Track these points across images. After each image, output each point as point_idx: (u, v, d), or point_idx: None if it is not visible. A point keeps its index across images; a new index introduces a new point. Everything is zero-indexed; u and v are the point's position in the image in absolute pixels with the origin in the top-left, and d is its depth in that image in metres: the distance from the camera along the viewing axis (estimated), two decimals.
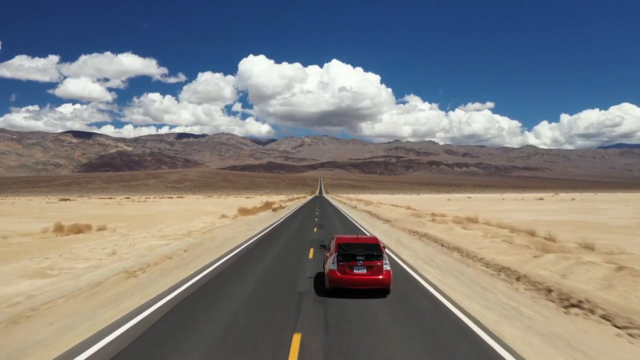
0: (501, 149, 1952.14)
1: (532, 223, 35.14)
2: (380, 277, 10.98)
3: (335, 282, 11.10)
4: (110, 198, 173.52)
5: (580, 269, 12.47)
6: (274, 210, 55.30)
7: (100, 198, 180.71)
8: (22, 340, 7.79)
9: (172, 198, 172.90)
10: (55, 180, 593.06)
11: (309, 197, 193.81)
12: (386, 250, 12.37)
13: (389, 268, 11.23)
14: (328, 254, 12.25)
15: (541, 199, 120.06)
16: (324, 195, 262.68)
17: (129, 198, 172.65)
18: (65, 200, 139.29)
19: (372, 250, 11.42)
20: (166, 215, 47.74)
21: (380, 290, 11.14)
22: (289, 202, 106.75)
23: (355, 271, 10.97)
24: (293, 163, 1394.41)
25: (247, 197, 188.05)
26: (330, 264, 11.31)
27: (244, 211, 50.30)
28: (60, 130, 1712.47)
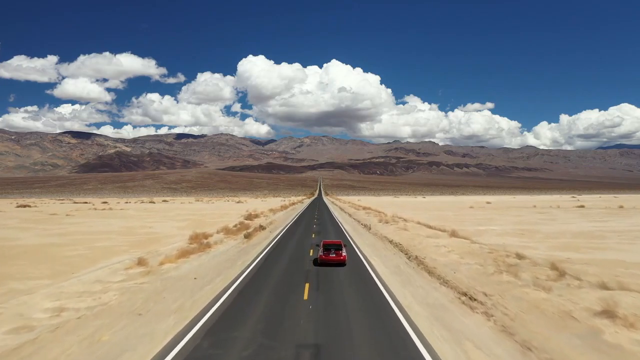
0: (501, 150, 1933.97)
1: None
2: (341, 258, 23.31)
3: (321, 260, 23.48)
4: (86, 202, 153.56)
5: None
6: (247, 237, 35.82)
7: (74, 202, 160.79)
8: None
9: (153, 203, 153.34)
10: (50, 181, 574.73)
11: (307, 202, 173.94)
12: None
13: (345, 253, 23.70)
14: (319, 248, 25.07)
15: (582, 206, 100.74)
16: (324, 198, 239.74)
17: (106, 202, 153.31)
18: (25, 206, 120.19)
19: (338, 246, 24.15)
20: (46, 256, 28.24)
21: (341, 264, 23.32)
22: (281, 211, 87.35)
23: (330, 255, 23.30)
24: (292, 164, 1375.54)
25: (238, 202, 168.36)
26: (319, 252, 24.12)
27: (197, 240, 31.29)
28: (59, 131, 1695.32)
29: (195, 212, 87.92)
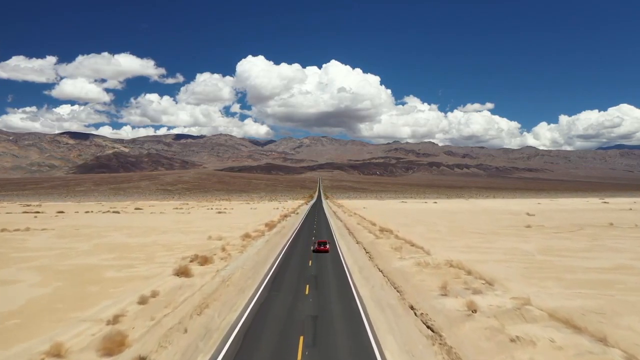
0: (501, 150, 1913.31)
1: None
2: (327, 248, 47.04)
3: (316, 250, 46.88)
4: (37, 212, 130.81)
5: None
6: None
7: (24, 212, 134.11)
8: None
9: (117, 213, 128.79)
10: (44, 182, 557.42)
11: (304, 211, 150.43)
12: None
13: (328, 246, 47.55)
14: (315, 243, 50.10)
15: None
16: (324, 205, 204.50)
17: (61, 212, 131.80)
18: None
19: (325, 243, 48.34)
20: None
21: (326, 252, 46.40)
22: (262, 235, 60.08)
23: (320, 247, 47.08)
24: (292, 164, 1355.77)
25: (219, 212, 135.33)
26: (315, 245, 48.54)
27: None
28: (57, 132, 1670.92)
29: (134, 237, 60.57)
